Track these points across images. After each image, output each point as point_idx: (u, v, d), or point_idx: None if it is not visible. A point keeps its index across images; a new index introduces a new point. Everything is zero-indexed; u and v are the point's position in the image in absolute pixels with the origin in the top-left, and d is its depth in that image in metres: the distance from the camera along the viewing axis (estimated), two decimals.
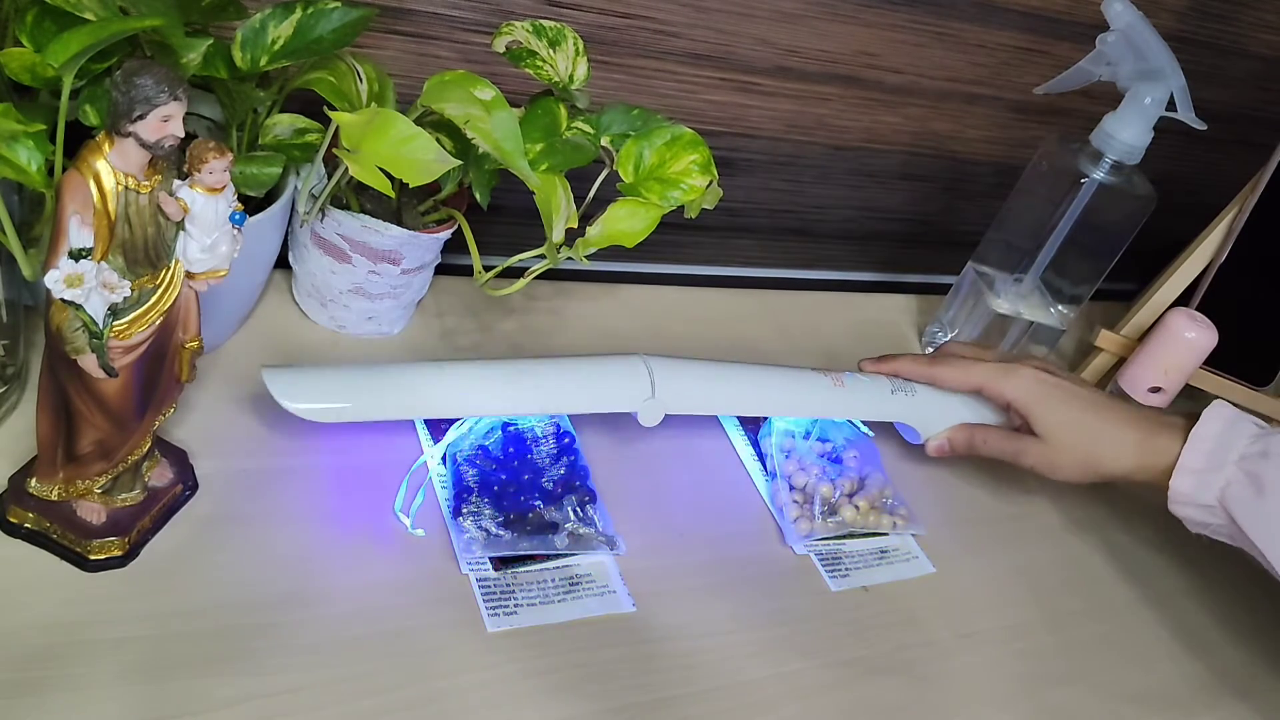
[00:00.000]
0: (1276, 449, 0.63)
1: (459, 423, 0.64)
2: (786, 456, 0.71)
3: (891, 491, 0.73)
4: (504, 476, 0.63)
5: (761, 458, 0.73)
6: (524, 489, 0.62)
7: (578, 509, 0.62)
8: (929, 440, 0.73)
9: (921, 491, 0.76)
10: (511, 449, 0.64)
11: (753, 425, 0.75)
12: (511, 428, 0.65)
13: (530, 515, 0.61)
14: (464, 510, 0.60)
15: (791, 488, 0.70)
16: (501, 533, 0.59)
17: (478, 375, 0.62)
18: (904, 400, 0.71)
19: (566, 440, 0.66)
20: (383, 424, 0.65)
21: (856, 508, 0.69)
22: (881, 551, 0.70)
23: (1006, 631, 0.67)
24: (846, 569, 0.67)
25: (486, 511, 0.60)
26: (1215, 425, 0.65)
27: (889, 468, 0.76)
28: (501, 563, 0.59)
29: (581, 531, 0.61)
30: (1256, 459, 0.63)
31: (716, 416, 0.75)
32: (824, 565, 0.67)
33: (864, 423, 0.76)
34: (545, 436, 0.66)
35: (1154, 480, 0.66)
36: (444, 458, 0.63)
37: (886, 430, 0.77)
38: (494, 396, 0.62)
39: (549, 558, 0.60)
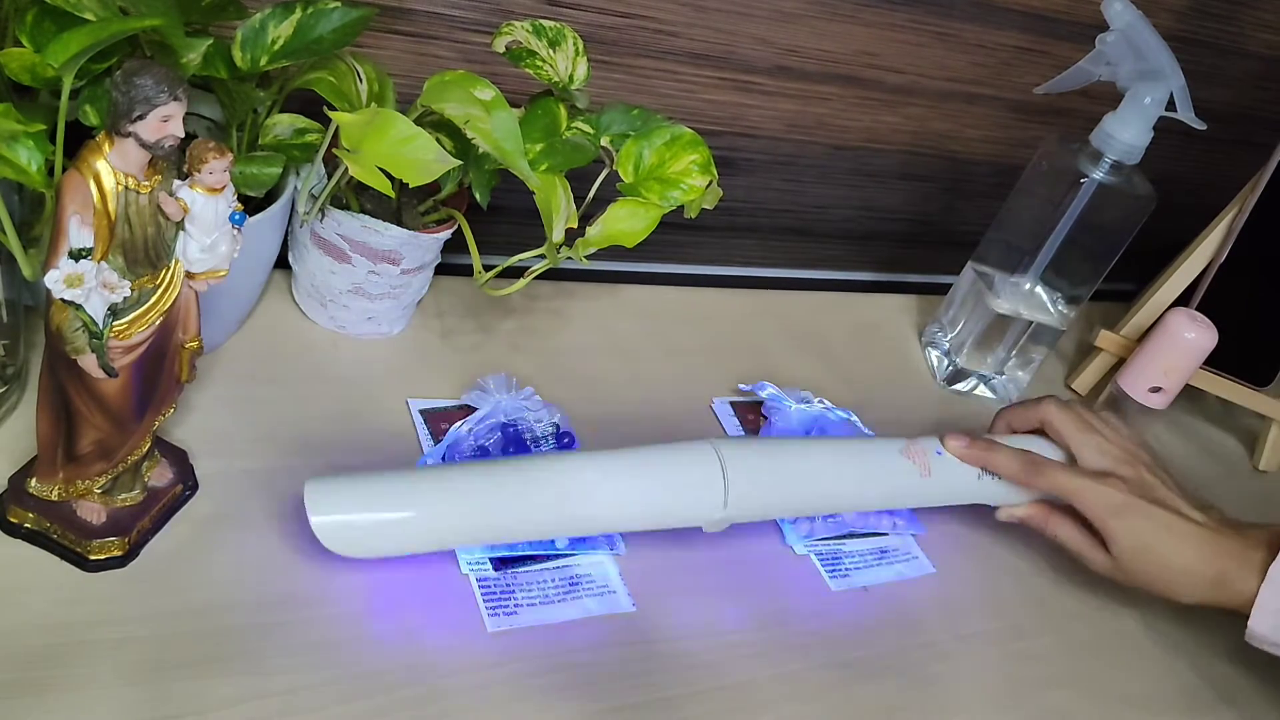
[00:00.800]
0: None
1: (459, 424, 0.64)
2: None
3: None
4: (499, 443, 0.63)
5: None
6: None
7: None
8: (1002, 508, 0.70)
9: None
10: (512, 449, 0.64)
11: (752, 425, 0.76)
12: (512, 429, 0.65)
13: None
14: None
15: None
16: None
17: (532, 495, 0.56)
18: (991, 485, 0.68)
19: (566, 441, 0.66)
20: (383, 424, 0.65)
21: None
22: (881, 551, 0.70)
23: (1006, 632, 0.67)
24: (846, 569, 0.67)
25: None
26: None
27: None
28: (502, 563, 0.59)
29: None
30: None
31: (715, 414, 0.75)
32: (824, 565, 0.67)
33: (860, 421, 0.76)
34: (545, 437, 0.66)
35: (1233, 610, 0.64)
36: (443, 458, 0.63)
37: (886, 431, 0.77)
38: (550, 521, 0.57)
39: (549, 558, 0.60)
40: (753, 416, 0.76)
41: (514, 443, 0.65)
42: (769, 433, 0.73)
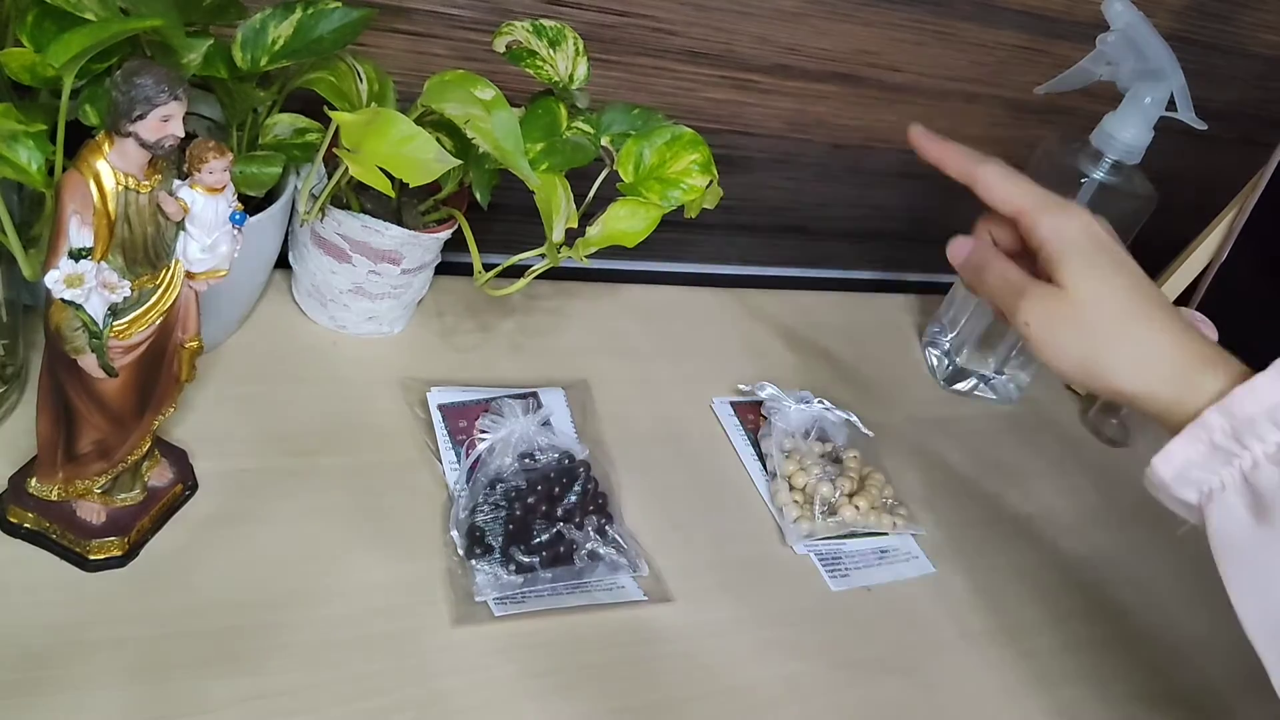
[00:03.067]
0: None
1: (480, 442, 0.63)
2: (786, 456, 0.71)
3: (891, 491, 0.73)
4: (526, 503, 0.62)
5: (761, 458, 0.73)
6: (541, 514, 0.61)
7: (598, 532, 0.62)
8: (951, 242, 0.60)
9: (922, 491, 0.76)
10: (528, 475, 0.63)
11: (752, 425, 0.76)
12: (528, 460, 0.64)
13: (548, 539, 0.60)
14: (477, 550, 0.58)
15: (791, 488, 0.70)
16: (522, 559, 0.59)
17: None
18: None
19: (583, 469, 0.65)
20: (381, 425, 0.65)
21: (856, 508, 0.69)
22: (881, 551, 0.70)
23: (1006, 632, 0.67)
24: (846, 569, 0.67)
25: (500, 542, 0.59)
26: (1246, 407, 0.48)
27: (889, 468, 0.76)
28: (516, 568, 0.58)
29: (602, 552, 0.61)
30: (1275, 470, 0.46)
31: (715, 414, 0.75)
32: (824, 565, 0.67)
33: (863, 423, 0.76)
34: (562, 460, 0.65)
35: (1165, 418, 0.50)
36: (468, 480, 0.62)
37: (886, 431, 0.77)
38: None
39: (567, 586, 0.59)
40: (753, 416, 0.76)
41: (530, 468, 0.63)
42: (768, 433, 0.73)
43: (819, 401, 0.75)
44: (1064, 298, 0.51)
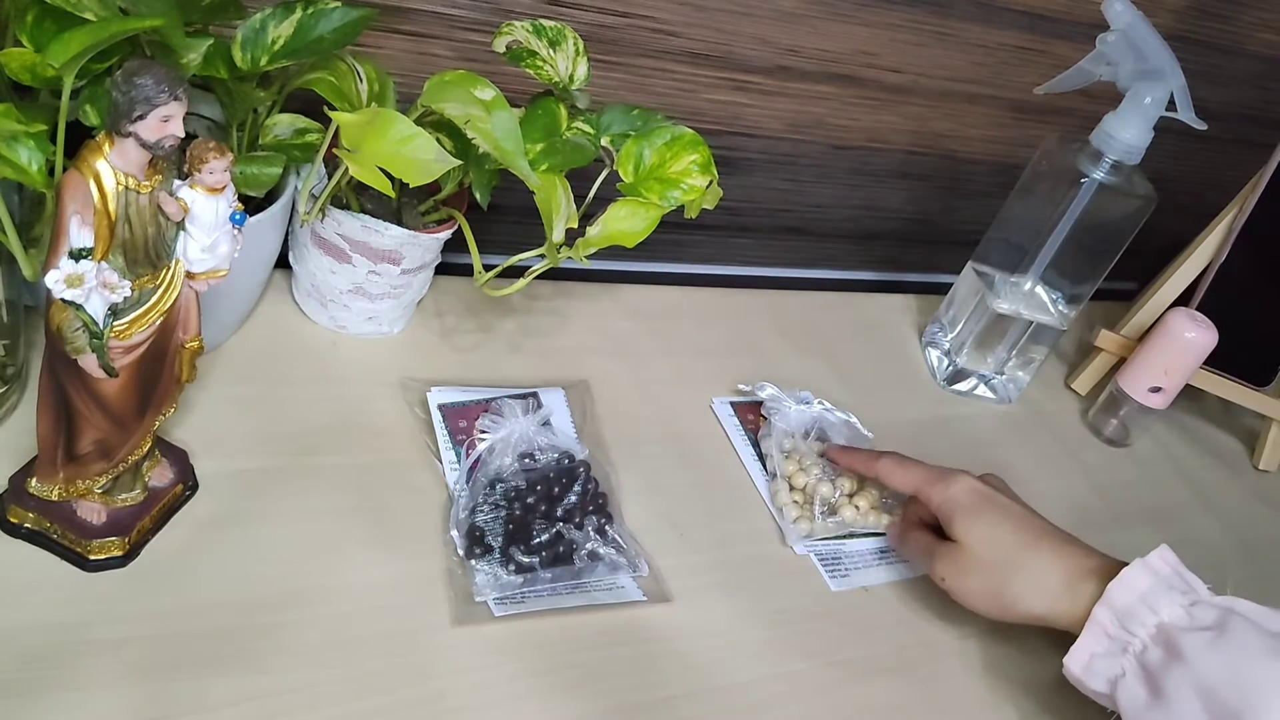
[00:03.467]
0: (1191, 647, 0.53)
1: (480, 442, 0.63)
2: (786, 457, 0.71)
3: (891, 492, 0.73)
4: (526, 503, 0.62)
5: (761, 458, 0.73)
6: (541, 515, 0.61)
7: (598, 532, 0.62)
8: (888, 525, 0.70)
9: None
10: (527, 475, 0.63)
11: (752, 425, 0.76)
12: (528, 460, 0.64)
13: (547, 540, 0.60)
14: (477, 550, 0.58)
15: (791, 488, 0.70)
16: (521, 559, 0.58)
17: None
18: None
19: (583, 469, 0.65)
20: (381, 425, 0.65)
21: (857, 508, 0.69)
22: (881, 552, 0.70)
23: (1006, 632, 0.67)
24: (846, 569, 0.67)
25: (500, 542, 0.59)
26: (1123, 597, 0.56)
27: None
28: (516, 568, 0.59)
29: (602, 552, 0.61)
30: (1159, 652, 0.54)
31: (715, 414, 0.75)
32: (824, 565, 0.67)
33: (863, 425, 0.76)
34: (561, 460, 0.65)
35: (1073, 627, 0.58)
36: (468, 480, 0.62)
37: (886, 431, 0.77)
38: None
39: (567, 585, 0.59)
40: (752, 417, 0.76)
41: (530, 468, 0.63)
42: (769, 433, 0.73)
43: (819, 402, 0.75)
44: (961, 551, 0.62)
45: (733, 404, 0.77)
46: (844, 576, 0.67)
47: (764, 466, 0.72)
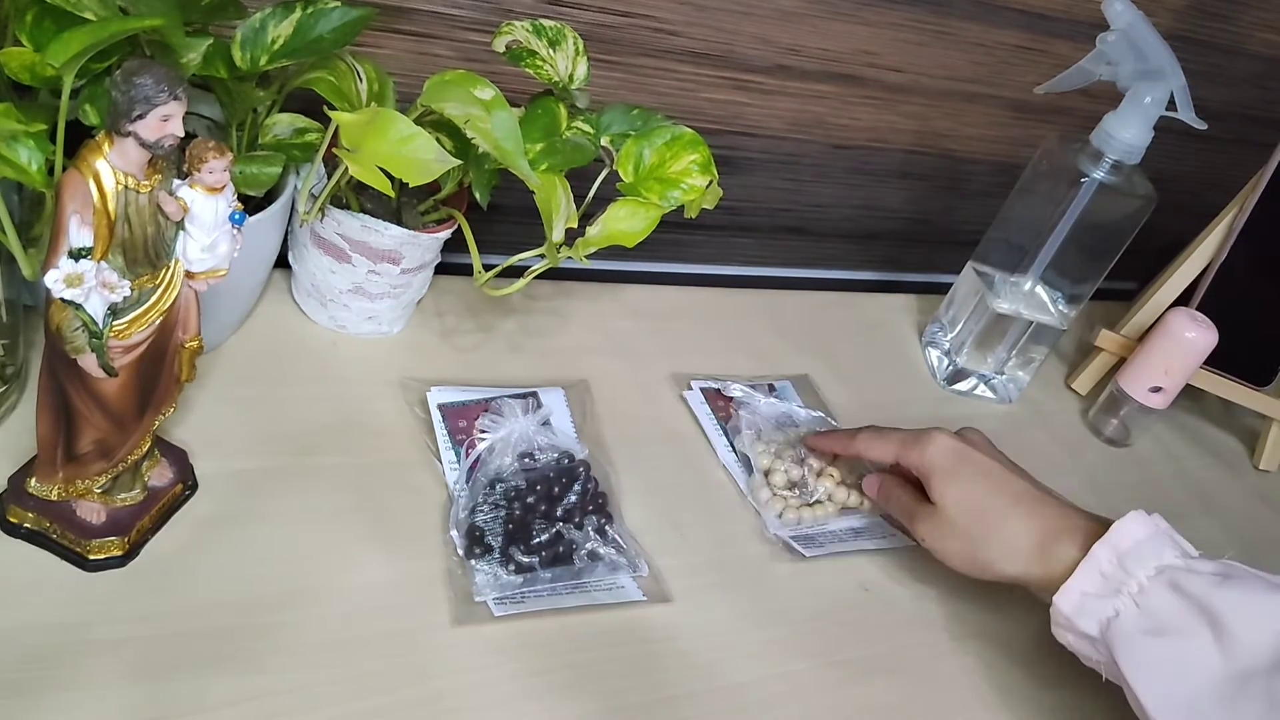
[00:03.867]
0: (1196, 588, 0.53)
1: (480, 441, 0.63)
2: (762, 451, 0.72)
3: (861, 470, 0.73)
4: (526, 503, 0.61)
5: (733, 448, 0.73)
6: (541, 514, 0.61)
7: (598, 532, 0.62)
8: (865, 479, 0.70)
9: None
10: (527, 475, 0.63)
11: (724, 414, 0.75)
12: (528, 460, 0.64)
13: (547, 540, 0.60)
14: (477, 550, 0.58)
15: (768, 479, 0.70)
16: (521, 559, 0.58)
17: None
18: None
19: (583, 469, 0.65)
20: (381, 425, 0.65)
21: (831, 477, 0.71)
22: (857, 530, 0.70)
23: (1001, 633, 0.67)
24: (821, 543, 0.68)
25: (500, 542, 0.59)
26: (1124, 541, 0.56)
27: None
28: (516, 567, 0.59)
29: (602, 552, 0.61)
30: (1163, 590, 0.54)
31: (700, 425, 0.76)
32: (799, 544, 0.67)
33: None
34: (561, 460, 0.65)
35: (1046, 590, 0.58)
36: (468, 480, 0.62)
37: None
38: None
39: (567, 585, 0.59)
40: (723, 403, 0.76)
41: (530, 468, 0.63)
42: (738, 424, 0.73)
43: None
44: (939, 512, 0.62)
45: (703, 390, 0.77)
46: (819, 546, 0.68)
47: (735, 457, 0.73)
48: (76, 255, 0.42)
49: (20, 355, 0.57)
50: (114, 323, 0.45)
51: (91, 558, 0.51)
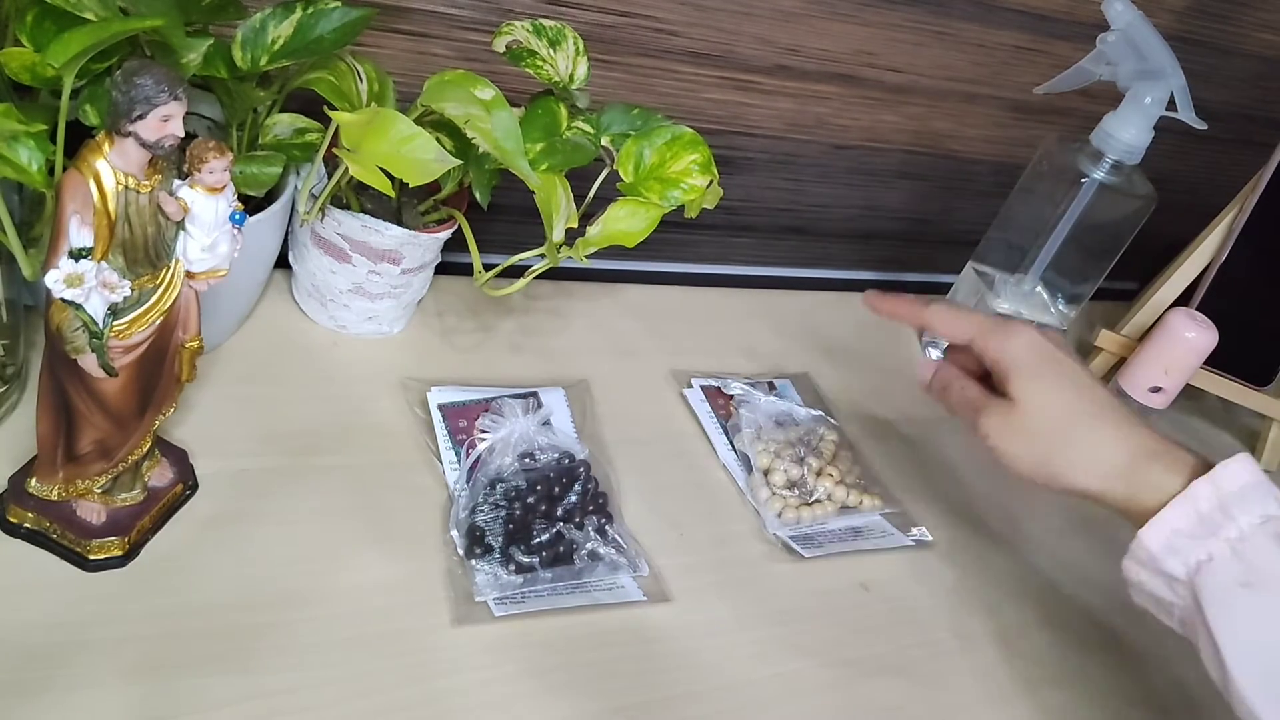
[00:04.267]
0: None
1: (480, 441, 0.63)
2: (761, 450, 0.71)
3: (860, 470, 0.73)
4: (526, 503, 0.62)
5: (733, 447, 0.73)
6: (541, 514, 0.61)
7: (598, 532, 0.62)
8: (920, 362, 0.65)
9: (920, 491, 0.76)
10: (528, 475, 0.63)
11: (723, 413, 0.75)
12: (528, 460, 0.64)
13: (548, 539, 0.60)
14: (477, 550, 0.58)
15: (768, 478, 0.70)
16: (522, 559, 0.58)
17: None
18: None
19: (583, 469, 0.65)
20: (381, 425, 0.65)
21: (831, 476, 0.70)
22: (855, 530, 0.70)
23: (1006, 632, 0.67)
24: (820, 543, 0.68)
25: (500, 542, 0.59)
26: (1229, 483, 0.51)
27: (890, 468, 0.76)
28: (516, 567, 0.59)
29: (602, 552, 0.61)
30: (1266, 541, 0.49)
31: (700, 424, 0.76)
32: (799, 544, 0.67)
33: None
34: (561, 460, 0.65)
35: (1125, 514, 0.54)
36: (468, 480, 0.62)
37: (886, 430, 0.77)
38: None
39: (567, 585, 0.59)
40: (723, 401, 0.76)
41: (530, 468, 0.63)
42: (737, 423, 0.73)
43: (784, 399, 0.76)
44: (1014, 410, 0.56)
45: (704, 388, 0.77)
46: (818, 546, 0.67)
47: (737, 457, 0.73)
48: (77, 255, 0.42)
49: (20, 355, 0.57)
50: (114, 323, 0.45)
51: (91, 558, 0.51)
